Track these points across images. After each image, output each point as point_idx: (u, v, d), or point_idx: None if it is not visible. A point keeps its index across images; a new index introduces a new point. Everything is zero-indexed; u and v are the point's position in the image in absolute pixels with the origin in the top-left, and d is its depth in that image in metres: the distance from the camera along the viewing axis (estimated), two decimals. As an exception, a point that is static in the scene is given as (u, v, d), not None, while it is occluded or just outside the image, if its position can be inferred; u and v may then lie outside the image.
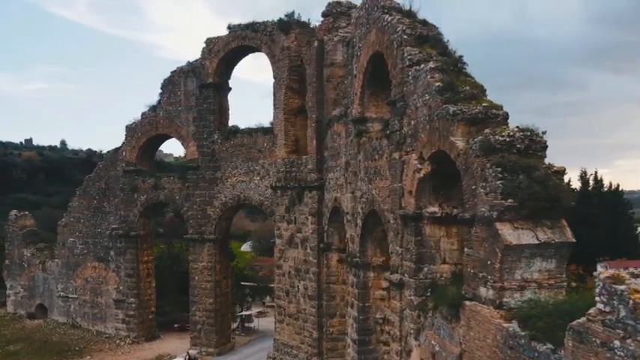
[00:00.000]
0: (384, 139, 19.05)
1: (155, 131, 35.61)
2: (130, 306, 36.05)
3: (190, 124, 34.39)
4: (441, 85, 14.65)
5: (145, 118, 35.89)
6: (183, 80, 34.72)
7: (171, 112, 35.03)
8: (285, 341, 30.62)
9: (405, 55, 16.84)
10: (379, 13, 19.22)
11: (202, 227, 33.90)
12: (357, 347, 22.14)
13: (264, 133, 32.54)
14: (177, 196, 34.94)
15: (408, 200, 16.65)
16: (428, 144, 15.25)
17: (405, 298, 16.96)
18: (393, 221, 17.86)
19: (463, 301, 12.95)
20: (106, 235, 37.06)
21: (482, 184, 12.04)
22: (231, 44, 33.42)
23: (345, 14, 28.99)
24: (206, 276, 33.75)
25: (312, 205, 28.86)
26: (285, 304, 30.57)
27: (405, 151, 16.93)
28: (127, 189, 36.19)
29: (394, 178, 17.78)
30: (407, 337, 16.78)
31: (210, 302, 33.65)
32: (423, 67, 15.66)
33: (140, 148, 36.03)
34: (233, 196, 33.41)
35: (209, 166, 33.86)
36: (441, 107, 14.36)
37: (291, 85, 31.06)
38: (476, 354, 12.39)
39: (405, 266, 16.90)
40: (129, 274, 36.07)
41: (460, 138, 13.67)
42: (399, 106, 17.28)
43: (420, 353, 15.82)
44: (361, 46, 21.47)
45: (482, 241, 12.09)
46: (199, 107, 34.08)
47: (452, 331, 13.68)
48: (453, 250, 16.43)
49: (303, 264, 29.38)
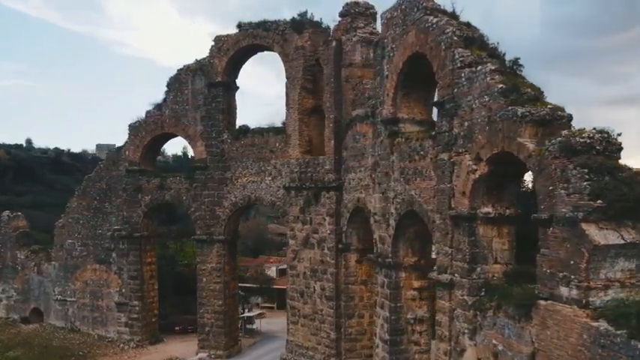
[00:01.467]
0: (427, 140, 19.11)
1: (160, 130, 34.90)
2: (133, 309, 35.21)
3: (198, 124, 33.84)
4: (505, 87, 14.79)
5: (150, 116, 35.14)
6: (191, 79, 34.13)
7: (177, 110, 34.38)
8: (300, 342, 30.43)
9: (456, 57, 16.96)
10: (420, 15, 19.28)
11: (211, 228, 33.39)
12: (389, 347, 22.19)
13: (277, 133, 32.27)
14: (184, 196, 34.32)
15: (460, 201, 16.75)
16: (487, 145, 15.36)
17: (455, 298, 17.05)
18: (440, 222, 17.92)
19: (536, 301, 13.09)
20: (107, 236, 36.12)
21: (564, 185, 12.20)
22: (242, 43, 33.03)
23: (362, 14, 29.05)
24: (215, 277, 33.24)
25: (329, 205, 28.76)
26: (300, 305, 30.37)
27: (456, 152, 17.02)
28: (130, 189, 35.35)
29: (441, 178, 17.86)
30: (458, 337, 16.87)
31: (219, 304, 33.16)
32: (481, 69, 15.79)
33: (144, 147, 35.26)
34: (243, 197, 33.01)
35: (218, 166, 33.37)
36: (506, 109, 14.51)
37: (305, 85, 30.91)
38: (554, 353, 12.54)
39: (456, 266, 17.00)
40: (132, 276, 35.24)
41: (528, 139, 13.84)
42: (448, 108, 17.35)
43: (476, 353, 15.94)
44: (395, 47, 21.50)
45: (562, 242, 12.24)
46: (208, 106, 33.56)
47: (521, 331, 13.82)
48: (504, 250, 16.65)
49: (320, 264, 29.24)
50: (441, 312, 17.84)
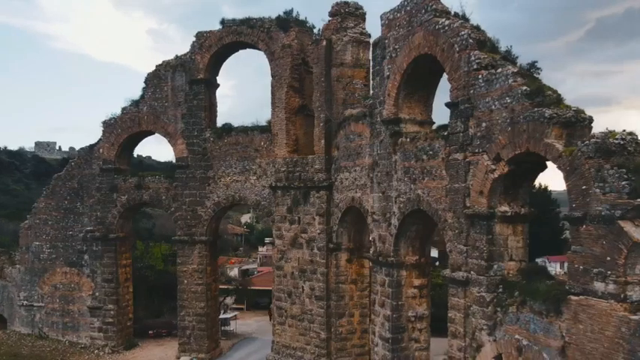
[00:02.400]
0: (437, 140, 19.38)
1: (138, 127, 33.71)
2: (108, 313, 33.82)
3: (179, 121, 32.93)
4: (529, 90, 15.22)
5: (126, 113, 33.88)
6: (171, 75, 33.18)
7: (156, 107, 33.33)
8: (287, 343, 30.19)
9: (472, 59, 17.30)
10: (429, 16, 19.54)
11: (192, 228, 32.56)
12: (391, 345, 22.37)
13: (262, 132, 31.85)
14: (163, 196, 33.30)
15: (477, 200, 17.10)
16: (509, 145, 15.76)
17: (471, 295, 17.40)
18: (453, 220, 18.24)
19: (567, 296, 13.56)
20: (79, 237, 34.54)
21: (599, 185, 12.70)
22: (225, 39, 32.40)
23: (352, 15, 29.14)
24: (196, 279, 32.45)
25: (320, 205, 28.69)
26: (288, 306, 30.13)
27: (472, 152, 17.37)
28: (104, 188, 33.96)
29: (455, 178, 18.18)
30: (474, 333, 17.23)
31: (201, 306, 32.38)
32: (502, 72, 16.18)
33: (120, 145, 33.96)
34: (227, 196, 32.39)
35: (200, 165, 32.60)
36: (531, 110, 14.93)
37: (292, 83, 30.71)
38: (587, 346, 13.03)
39: (472, 264, 17.36)
40: (107, 279, 33.84)
41: (555, 140, 14.32)
42: (463, 109, 17.68)
43: (496, 348, 16.33)
44: (398, 47, 21.70)
45: (597, 239, 12.74)
46: (189, 104, 32.72)
47: (549, 325, 14.28)
48: (518, 247, 17.16)
49: (309, 264, 29.12)
50: (454, 309, 18.14)
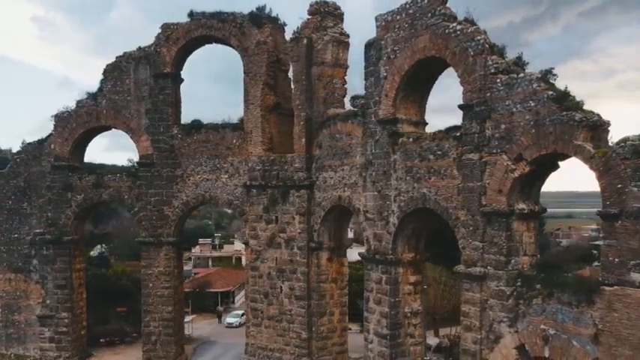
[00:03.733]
0: (447, 141, 19.99)
1: (96, 122, 31.45)
2: (61, 322, 31.22)
3: (143, 117, 31.16)
4: (556, 94, 16.19)
5: (82, 107, 31.48)
6: (133, 67, 31.31)
7: (117, 101, 31.29)
8: (264, 345, 29.66)
9: (489, 64, 18.10)
10: (437, 20, 20.14)
11: (158, 229, 30.95)
12: (389, 342, 22.78)
13: (234, 130, 30.97)
14: (125, 195, 31.35)
15: (495, 198, 17.89)
16: (533, 146, 16.65)
17: (488, 290, 18.18)
18: (466, 218, 18.92)
19: (600, 287, 14.64)
20: (26, 241, 31.58)
21: (636, 183, 13.85)
22: (194, 33, 31.13)
23: (331, 14, 29.21)
24: (163, 282, 30.90)
25: (300, 204, 28.48)
26: (264, 307, 29.59)
27: (489, 152, 18.15)
28: (57, 187, 31.34)
29: (469, 177, 18.87)
30: (492, 326, 18.01)
31: (168, 310, 30.88)
32: (524, 77, 17.06)
33: (75, 141, 31.51)
34: (196, 196, 31.15)
35: (167, 163, 31.06)
36: (559, 114, 15.91)
37: (268, 81, 30.19)
38: (623, 332, 14.15)
39: (489, 259, 18.14)
40: (60, 285, 31.25)
41: (583, 142, 15.38)
42: (478, 111, 18.41)
43: (518, 338, 17.18)
44: (398, 49, 22.13)
45: (634, 233, 13.89)
46: (154, 98, 31.07)
47: (579, 315, 15.31)
48: (531, 243, 18.20)
49: (289, 264, 28.82)
50: (469, 303, 18.84)
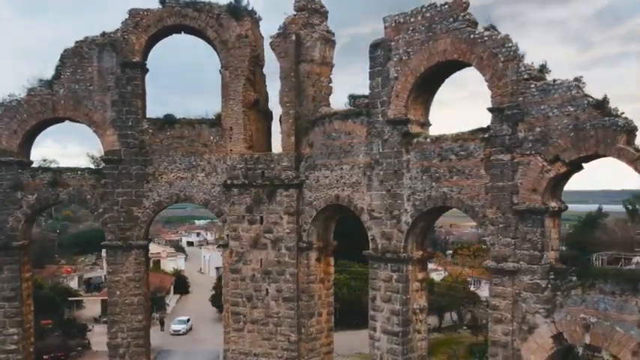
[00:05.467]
0: (473, 142, 20.75)
1: (52, 113, 28.05)
2: (9, 339, 27.44)
3: (108, 109, 28.39)
4: (596, 101, 17.57)
5: (34, 95, 27.95)
6: (97, 54, 28.43)
7: (77, 91, 28.18)
8: (246, 350, 28.55)
9: (522, 70, 19.17)
10: (461, 25, 20.88)
11: (127, 232, 28.40)
12: (400, 339, 23.15)
13: (211, 126, 29.37)
14: (88, 195, 28.36)
15: (529, 197, 18.96)
16: (572, 148, 17.92)
17: (520, 283, 19.22)
18: (496, 215, 19.82)
19: (646, 276, 16.22)
20: (-38, 248, 27.38)
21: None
22: (166, 21, 28.99)
23: (318, 12, 28.93)
24: (132, 289, 28.40)
25: (289, 203, 27.82)
26: (247, 311, 28.48)
27: (522, 153, 19.20)
28: (4, 186, 27.52)
29: (498, 177, 19.80)
30: (525, 317, 19.06)
31: (138, 319, 28.44)
32: (562, 83, 18.27)
33: (26, 133, 27.91)
34: (170, 195, 29.06)
35: (136, 160, 28.61)
36: (601, 119, 17.30)
37: (249, 76, 29.10)
38: (670, 316, 15.80)
39: (521, 255, 19.21)
40: (7, 297, 27.43)
41: (625, 145, 16.90)
42: (510, 114, 19.40)
43: (555, 328, 18.35)
44: (411, 50, 22.61)
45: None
46: (122, 89, 28.44)
47: (623, 303, 16.80)
48: (555, 238, 19.58)
49: (276, 265, 28.03)
50: (499, 297, 19.75)
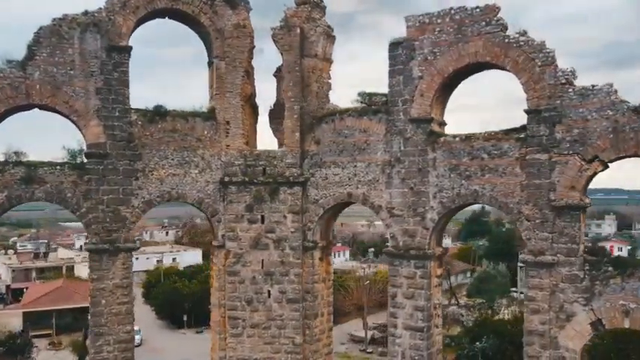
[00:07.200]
0: (507, 141, 21.72)
1: (25, 99, 24.42)
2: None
3: (92, 97, 25.47)
4: (634, 105, 19.27)
5: (4, 77, 24.22)
6: (78, 35, 25.38)
7: (55, 75, 24.90)
8: (246, 356, 27.28)
9: (560, 74, 20.50)
10: (494, 29, 21.81)
11: (113, 234, 25.70)
12: (425, 334, 23.57)
13: (205, 119, 27.60)
14: (68, 192, 25.21)
15: (566, 194, 20.29)
16: (611, 149, 19.48)
17: (558, 275, 20.48)
18: (532, 212, 20.95)
19: (685, 265, 18.12)
20: None
21: None
22: (157, 3, 26.62)
23: (318, 6, 28.47)
24: (120, 297, 25.73)
25: (293, 201, 27.06)
26: (246, 315, 27.21)
27: (559, 153, 20.48)
28: (-33, 183, 23.66)
29: (534, 175, 20.93)
30: (563, 306, 20.34)
31: (126, 330, 25.82)
32: (601, 88, 19.79)
33: (-8, 122, 24.23)
34: (161, 193, 26.77)
35: (124, 155, 25.98)
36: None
37: (248, 68, 27.87)
38: None
39: (559, 248, 20.52)
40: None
41: (662, 147, 18.78)
42: (547, 116, 20.63)
43: (594, 315, 19.79)
44: (438, 51, 23.20)
45: None
46: (107, 75, 25.66)
47: (663, 289, 18.61)
48: (583, 232, 21.15)
49: (279, 266, 27.11)
50: (536, 289, 20.86)
